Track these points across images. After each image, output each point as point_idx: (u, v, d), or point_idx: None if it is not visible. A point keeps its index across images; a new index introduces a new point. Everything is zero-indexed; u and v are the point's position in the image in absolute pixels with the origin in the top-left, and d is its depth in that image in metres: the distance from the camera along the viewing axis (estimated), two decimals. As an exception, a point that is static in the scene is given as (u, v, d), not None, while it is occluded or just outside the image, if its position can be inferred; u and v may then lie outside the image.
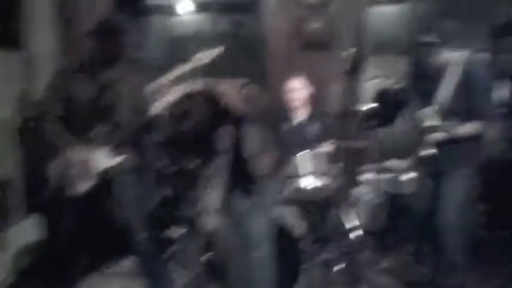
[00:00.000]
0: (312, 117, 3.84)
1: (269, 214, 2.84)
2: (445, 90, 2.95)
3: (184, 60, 4.58)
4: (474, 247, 3.06)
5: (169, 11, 5.17)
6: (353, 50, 2.50)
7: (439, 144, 2.96)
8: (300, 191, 3.43)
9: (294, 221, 3.43)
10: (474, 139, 2.96)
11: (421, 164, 3.28)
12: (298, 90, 3.79)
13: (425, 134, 2.99)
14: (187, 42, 4.62)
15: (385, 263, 3.69)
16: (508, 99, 4.54)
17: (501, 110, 4.01)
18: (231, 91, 2.37)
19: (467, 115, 2.93)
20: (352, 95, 2.58)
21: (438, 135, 2.94)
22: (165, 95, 3.41)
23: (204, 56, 3.51)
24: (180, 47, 4.75)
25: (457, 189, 2.99)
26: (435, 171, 3.12)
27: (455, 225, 2.97)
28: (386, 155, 4.54)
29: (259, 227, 2.73)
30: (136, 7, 5.08)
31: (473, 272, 3.08)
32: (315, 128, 3.81)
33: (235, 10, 5.10)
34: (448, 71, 2.94)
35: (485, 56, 4.59)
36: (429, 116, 2.98)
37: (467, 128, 2.93)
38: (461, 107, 2.94)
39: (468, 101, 2.92)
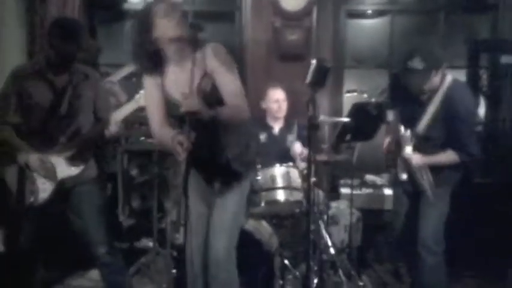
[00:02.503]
0: (287, 128, 3.78)
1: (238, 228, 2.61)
2: (425, 117, 2.87)
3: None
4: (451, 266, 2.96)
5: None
6: (313, 61, 2.42)
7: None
8: (275, 204, 3.31)
9: (268, 235, 3.29)
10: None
11: (398, 181, 3.18)
12: (280, 101, 3.75)
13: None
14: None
15: (361, 282, 3.55)
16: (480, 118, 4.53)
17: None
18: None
19: (444, 142, 2.85)
20: (317, 107, 2.48)
21: (416, 161, 2.85)
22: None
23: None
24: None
25: (434, 208, 2.89)
26: (412, 189, 3.01)
27: (433, 245, 2.88)
28: (364, 170, 4.46)
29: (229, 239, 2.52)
30: (110, 12, 4.97)
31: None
32: (290, 140, 3.74)
33: (213, 19, 5.01)
34: (430, 97, 2.86)
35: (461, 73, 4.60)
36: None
37: (446, 158, 2.84)
38: (439, 135, 2.86)
39: (447, 130, 2.84)
